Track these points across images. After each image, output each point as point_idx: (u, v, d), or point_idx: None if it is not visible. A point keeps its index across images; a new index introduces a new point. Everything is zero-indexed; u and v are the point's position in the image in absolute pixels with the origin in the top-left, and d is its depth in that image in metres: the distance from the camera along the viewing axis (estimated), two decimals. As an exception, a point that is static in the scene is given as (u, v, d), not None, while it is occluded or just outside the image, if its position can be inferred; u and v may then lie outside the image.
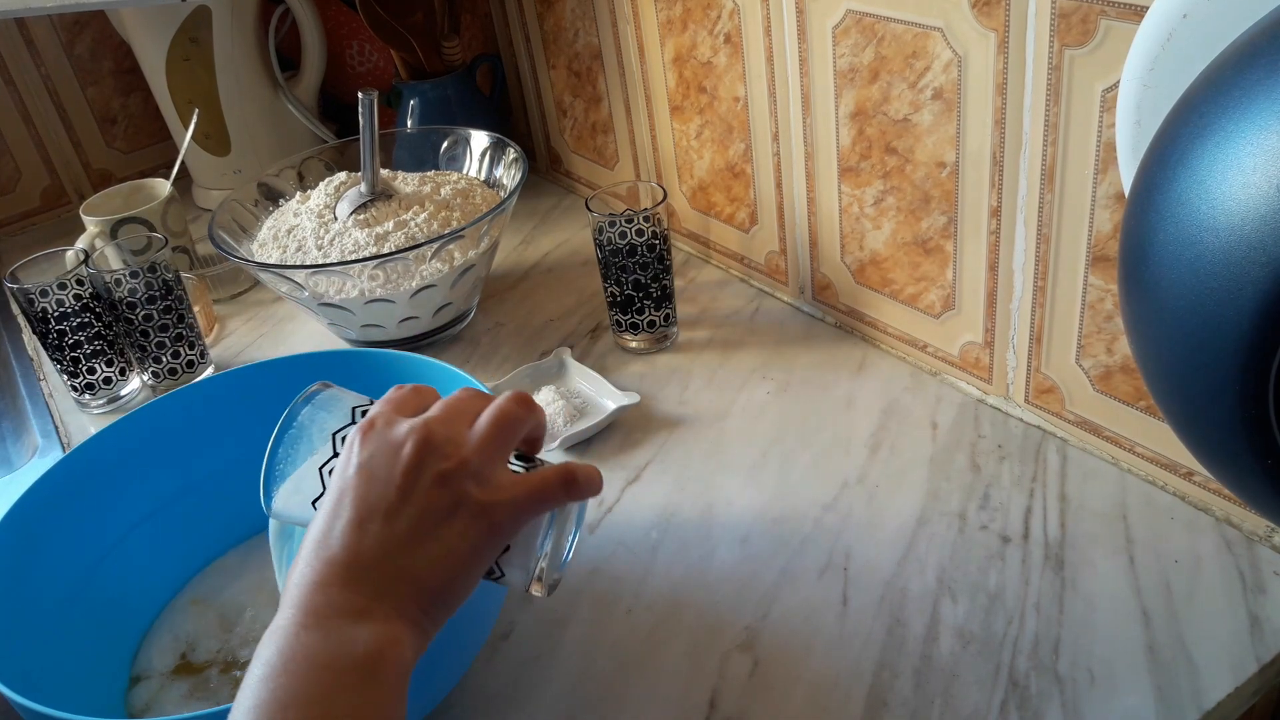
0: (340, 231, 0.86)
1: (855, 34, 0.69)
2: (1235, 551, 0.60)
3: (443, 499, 0.41)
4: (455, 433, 0.43)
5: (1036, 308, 0.67)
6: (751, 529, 0.67)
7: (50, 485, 0.61)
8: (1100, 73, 0.56)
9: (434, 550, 0.41)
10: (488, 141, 0.96)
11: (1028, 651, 0.56)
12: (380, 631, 0.39)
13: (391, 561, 0.40)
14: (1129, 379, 0.64)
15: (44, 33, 1.22)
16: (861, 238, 0.78)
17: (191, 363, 0.88)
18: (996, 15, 0.60)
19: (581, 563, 0.66)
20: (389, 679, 0.38)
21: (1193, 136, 0.39)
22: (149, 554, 0.65)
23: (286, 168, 0.98)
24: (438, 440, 0.42)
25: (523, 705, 0.58)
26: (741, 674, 0.58)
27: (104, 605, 0.62)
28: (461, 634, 0.54)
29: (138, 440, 0.65)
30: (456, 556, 0.41)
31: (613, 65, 0.96)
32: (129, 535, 0.65)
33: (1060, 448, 0.69)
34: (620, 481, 0.72)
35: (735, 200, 0.89)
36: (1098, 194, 0.59)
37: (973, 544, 0.63)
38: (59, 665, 0.56)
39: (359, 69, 1.28)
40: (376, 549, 0.40)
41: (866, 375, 0.79)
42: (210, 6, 1.10)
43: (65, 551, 0.61)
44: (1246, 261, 0.36)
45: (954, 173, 0.68)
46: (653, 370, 0.83)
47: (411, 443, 0.42)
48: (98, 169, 1.31)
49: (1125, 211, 0.43)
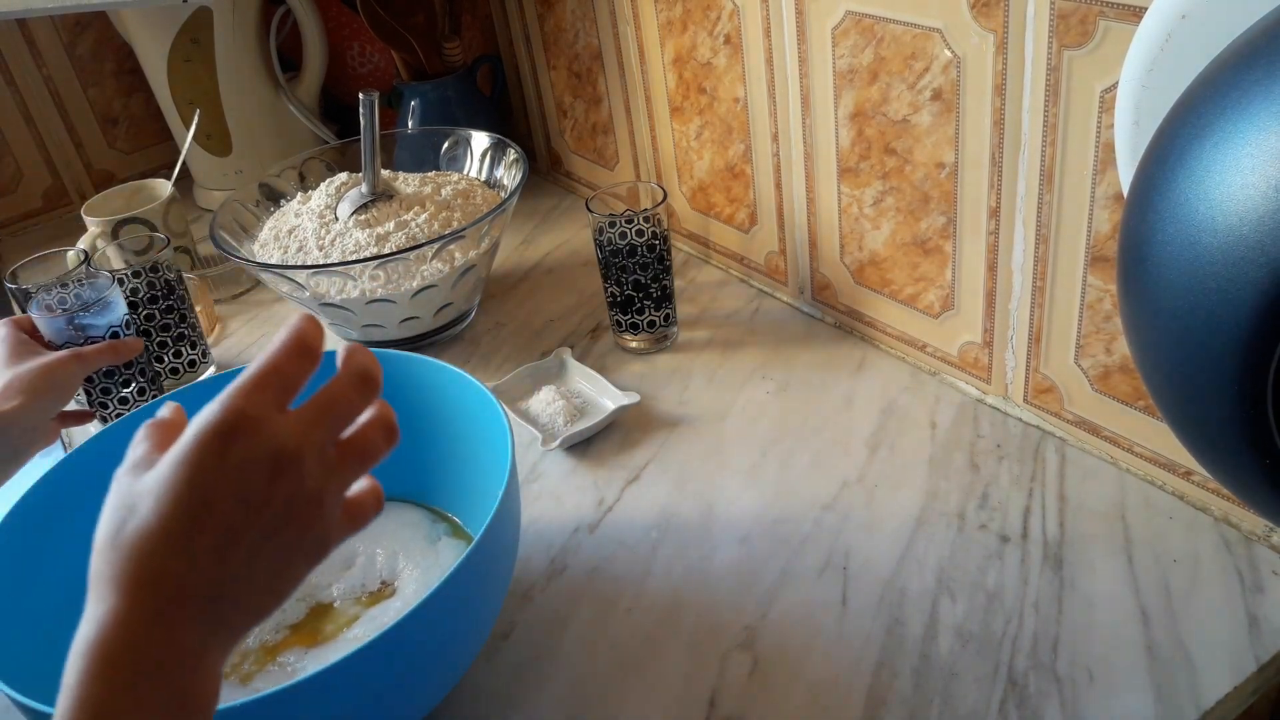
0: (341, 232, 0.86)
1: (854, 35, 0.70)
2: (1234, 551, 0.60)
3: (299, 533, 0.38)
4: (325, 453, 0.39)
5: (1035, 308, 0.67)
6: (751, 529, 0.67)
7: (50, 485, 0.61)
8: (1099, 73, 0.56)
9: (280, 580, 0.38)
10: (488, 142, 0.96)
11: (1026, 651, 0.56)
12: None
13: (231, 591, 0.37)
14: (1128, 379, 0.64)
15: (46, 33, 1.22)
16: (861, 238, 0.78)
17: (193, 362, 0.89)
18: (995, 16, 0.60)
19: (581, 563, 0.66)
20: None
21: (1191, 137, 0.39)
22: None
23: (288, 168, 0.98)
24: (313, 469, 0.38)
25: (523, 705, 0.58)
26: (741, 673, 0.58)
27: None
28: (462, 633, 0.54)
29: (139, 440, 0.65)
30: (296, 581, 0.39)
31: (613, 66, 0.96)
32: (130, 535, 0.65)
33: (1059, 447, 0.69)
34: (620, 481, 0.72)
35: (735, 201, 0.90)
36: (1096, 194, 0.59)
37: (972, 543, 0.63)
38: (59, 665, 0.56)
39: (360, 70, 1.28)
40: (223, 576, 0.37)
41: (866, 375, 0.79)
42: (211, 7, 1.11)
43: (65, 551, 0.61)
44: (1245, 261, 0.36)
45: (953, 173, 0.68)
46: (653, 370, 0.83)
47: (292, 469, 0.37)
48: (99, 169, 1.31)
49: (1124, 212, 0.43)
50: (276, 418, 0.37)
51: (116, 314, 0.79)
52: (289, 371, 0.38)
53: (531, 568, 0.66)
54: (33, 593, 0.58)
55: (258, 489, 0.36)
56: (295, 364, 0.39)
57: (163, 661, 0.36)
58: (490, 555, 0.54)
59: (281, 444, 0.37)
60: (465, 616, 0.54)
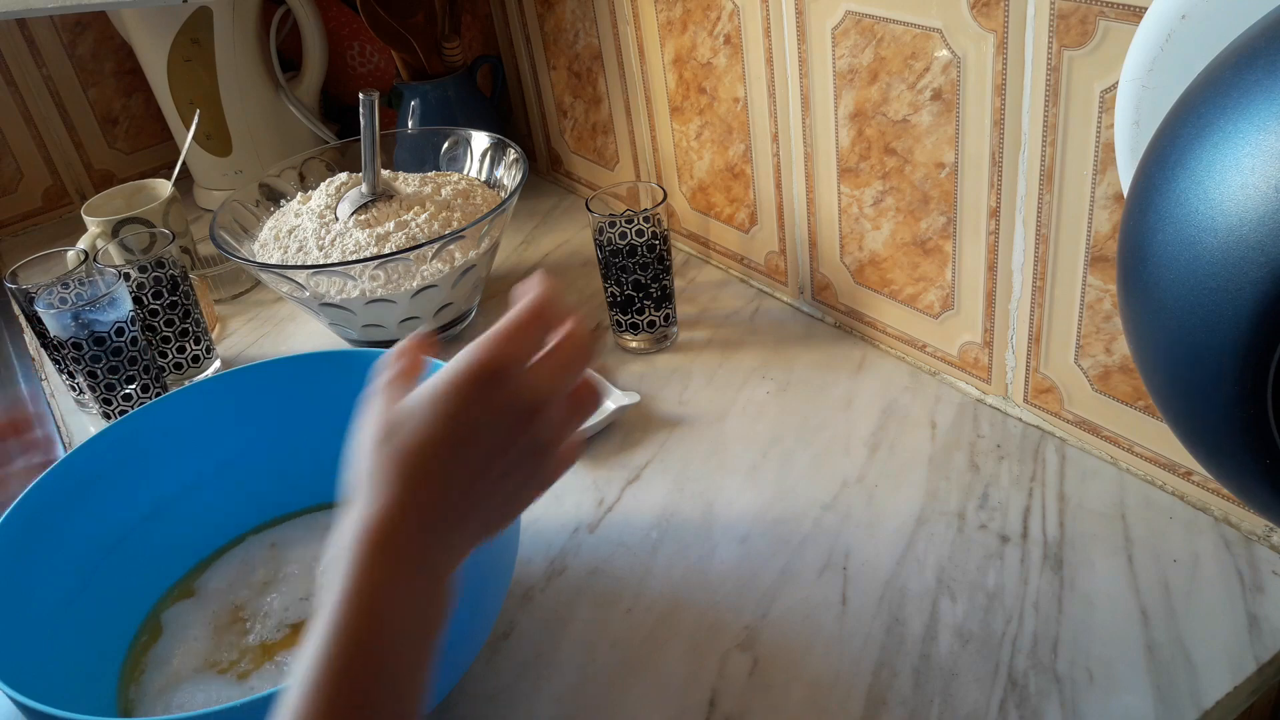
0: (341, 232, 0.86)
1: (854, 35, 0.70)
2: (1234, 551, 0.60)
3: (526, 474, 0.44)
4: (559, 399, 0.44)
5: (1035, 308, 0.67)
6: (751, 529, 0.67)
7: (50, 485, 0.61)
8: (1099, 73, 0.56)
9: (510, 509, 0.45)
10: (488, 142, 0.96)
11: (1027, 650, 0.56)
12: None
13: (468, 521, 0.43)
14: (1128, 379, 0.64)
15: (46, 34, 1.22)
16: (861, 238, 0.78)
17: (197, 358, 0.89)
18: (995, 16, 0.60)
19: (581, 563, 0.66)
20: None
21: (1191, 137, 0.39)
22: (149, 554, 0.65)
23: (288, 168, 0.98)
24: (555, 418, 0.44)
25: (523, 705, 0.58)
26: (741, 673, 0.58)
27: (104, 605, 0.62)
28: (461, 634, 0.54)
29: (138, 440, 0.65)
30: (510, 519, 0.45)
31: (613, 66, 0.96)
32: (128, 536, 0.65)
33: (1059, 447, 0.69)
34: (620, 481, 0.72)
35: (735, 201, 0.90)
36: (1096, 194, 0.59)
37: (972, 543, 0.63)
38: (59, 665, 0.56)
39: (360, 70, 1.28)
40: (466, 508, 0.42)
41: (866, 375, 0.79)
42: (211, 7, 1.11)
43: (65, 551, 0.61)
44: (1245, 262, 0.36)
45: (953, 173, 0.68)
46: (653, 370, 0.83)
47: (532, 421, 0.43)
48: (99, 169, 1.31)
49: (1124, 212, 0.43)
50: (526, 370, 0.43)
51: (122, 310, 0.79)
52: (536, 326, 0.43)
53: (531, 568, 0.66)
54: (33, 593, 0.58)
55: (511, 429, 0.42)
56: (541, 321, 0.43)
57: (428, 554, 0.40)
58: (490, 555, 0.54)
59: (534, 394, 0.42)
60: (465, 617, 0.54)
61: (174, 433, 0.67)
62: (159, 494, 0.66)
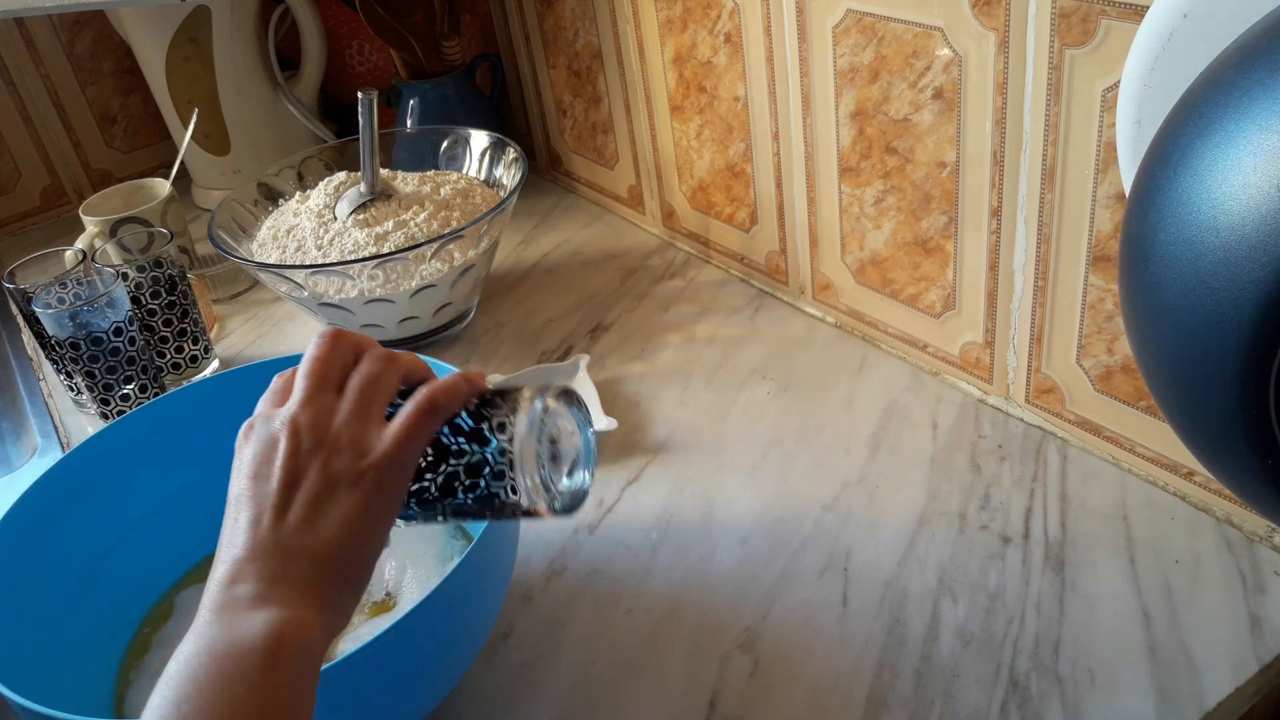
0: (340, 231, 0.86)
1: (855, 34, 0.69)
2: (1236, 551, 0.60)
3: (322, 480, 0.42)
4: (322, 411, 0.44)
5: (1037, 308, 0.67)
6: (751, 529, 0.67)
7: (50, 485, 0.61)
8: (1101, 72, 0.56)
9: (326, 527, 0.42)
10: (487, 141, 0.96)
11: (1028, 651, 0.56)
12: (280, 615, 0.39)
13: (286, 546, 0.41)
14: (1129, 379, 0.64)
15: (44, 32, 1.22)
16: (862, 238, 0.78)
17: (195, 358, 0.89)
18: (997, 15, 0.60)
19: (581, 563, 0.66)
20: (293, 662, 0.38)
21: (1193, 136, 0.39)
22: (149, 554, 0.65)
23: (286, 167, 0.98)
24: (305, 425, 0.43)
25: (523, 705, 0.58)
26: (741, 674, 0.58)
27: (104, 605, 0.62)
28: (461, 634, 0.54)
29: (137, 440, 0.65)
30: (350, 526, 0.42)
31: (613, 65, 0.96)
32: (128, 536, 0.64)
33: (1060, 448, 0.69)
34: (620, 481, 0.72)
35: (735, 200, 0.89)
36: (1098, 194, 0.59)
37: (973, 544, 0.63)
38: (58, 665, 0.56)
39: (359, 69, 1.28)
40: (271, 539, 0.41)
41: (867, 375, 0.79)
42: (210, 6, 1.10)
43: (65, 552, 0.61)
44: (1247, 261, 0.36)
45: (954, 172, 0.68)
46: (653, 370, 0.83)
47: (284, 436, 0.43)
48: (97, 169, 1.31)
49: (1126, 211, 0.43)
50: (273, 410, 0.44)
51: (120, 310, 0.79)
52: (279, 380, 0.46)
53: (531, 568, 0.66)
54: (33, 593, 0.58)
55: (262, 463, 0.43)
56: (283, 378, 0.46)
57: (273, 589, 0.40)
58: (489, 556, 0.54)
59: (273, 426, 0.44)
60: (465, 617, 0.54)
61: (172, 433, 0.66)
62: (157, 495, 0.66)
